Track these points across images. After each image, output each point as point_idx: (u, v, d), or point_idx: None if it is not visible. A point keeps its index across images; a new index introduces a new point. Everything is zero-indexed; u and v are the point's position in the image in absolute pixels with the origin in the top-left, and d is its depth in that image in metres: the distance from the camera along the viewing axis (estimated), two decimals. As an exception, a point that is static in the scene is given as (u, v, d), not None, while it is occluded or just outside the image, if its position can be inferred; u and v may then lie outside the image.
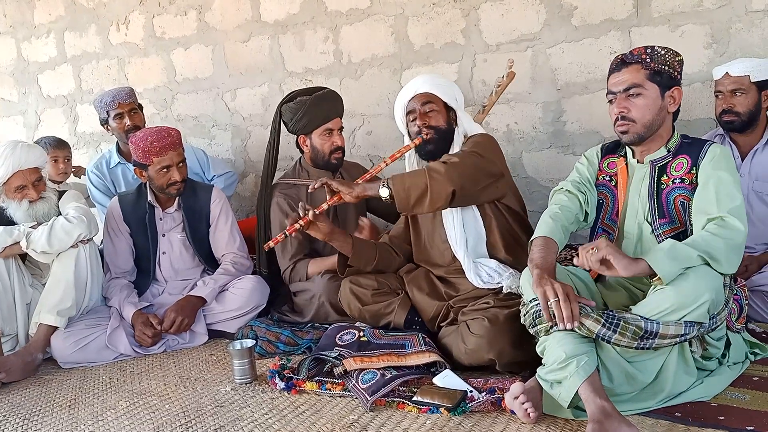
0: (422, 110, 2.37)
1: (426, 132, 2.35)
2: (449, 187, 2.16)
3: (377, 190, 2.20)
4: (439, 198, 2.17)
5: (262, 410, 2.03)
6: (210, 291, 2.78)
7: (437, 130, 2.37)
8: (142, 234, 2.91)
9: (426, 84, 2.39)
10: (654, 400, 1.76)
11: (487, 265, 2.31)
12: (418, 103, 2.38)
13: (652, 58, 1.93)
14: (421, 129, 2.36)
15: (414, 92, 2.39)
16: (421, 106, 2.37)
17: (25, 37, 4.56)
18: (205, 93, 4.03)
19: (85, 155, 4.41)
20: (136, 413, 2.11)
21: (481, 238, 2.37)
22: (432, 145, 2.37)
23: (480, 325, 2.08)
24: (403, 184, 2.18)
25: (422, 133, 2.35)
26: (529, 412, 1.73)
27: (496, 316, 2.08)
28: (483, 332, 2.06)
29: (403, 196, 2.18)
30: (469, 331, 2.11)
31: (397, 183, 2.19)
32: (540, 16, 3.08)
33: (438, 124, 2.37)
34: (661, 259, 1.69)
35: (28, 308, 2.69)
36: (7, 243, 2.59)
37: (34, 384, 2.46)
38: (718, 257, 1.73)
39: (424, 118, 2.37)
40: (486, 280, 2.27)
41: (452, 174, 2.17)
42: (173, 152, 2.78)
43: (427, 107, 2.37)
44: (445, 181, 2.15)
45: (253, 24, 3.79)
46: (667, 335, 1.67)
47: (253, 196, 3.95)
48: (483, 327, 2.07)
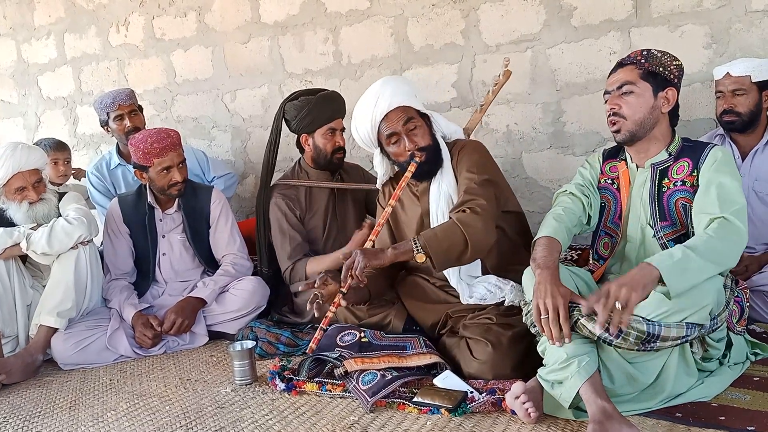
0: (406, 130, 2.21)
1: (419, 155, 2.20)
2: (490, 237, 2.09)
3: (411, 256, 2.06)
4: (481, 251, 2.11)
5: (262, 411, 2.03)
6: (210, 292, 2.78)
7: (428, 150, 2.23)
8: (142, 235, 2.91)
9: (396, 96, 2.21)
10: (655, 401, 1.76)
11: (486, 281, 2.24)
12: (398, 123, 2.21)
13: (647, 59, 1.95)
14: (414, 153, 2.20)
15: (387, 108, 2.21)
16: (403, 126, 2.21)
17: (25, 39, 4.56)
18: (204, 94, 4.03)
19: (85, 157, 4.41)
20: (136, 415, 2.11)
21: (476, 262, 2.27)
22: (428, 166, 2.24)
23: (483, 350, 2.04)
24: (440, 246, 2.05)
25: (415, 158, 2.20)
26: (530, 411, 1.73)
27: (499, 340, 2.03)
28: (486, 358, 2.02)
29: (442, 258, 2.07)
30: (472, 356, 2.06)
31: (432, 245, 2.05)
32: (540, 17, 3.09)
33: (426, 142, 2.23)
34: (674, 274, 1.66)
35: (28, 310, 2.69)
36: (7, 244, 2.59)
37: (35, 385, 2.46)
38: (725, 263, 1.75)
39: (411, 139, 2.21)
40: (487, 298, 2.20)
41: (487, 221, 2.09)
42: (173, 153, 2.78)
43: (410, 125, 2.22)
44: (484, 231, 2.07)
45: (252, 25, 3.79)
46: (669, 337, 1.66)
47: (252, 197, 3.95)
48: (486, 352, 2.03)
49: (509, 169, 3.24)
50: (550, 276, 1.78)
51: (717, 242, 1.75)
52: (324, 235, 2.91)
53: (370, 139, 2.29)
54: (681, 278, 1.66)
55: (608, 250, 2.09)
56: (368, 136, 2.28)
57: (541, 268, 1.82)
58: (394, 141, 2.24)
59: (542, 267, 1.83)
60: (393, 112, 2.22)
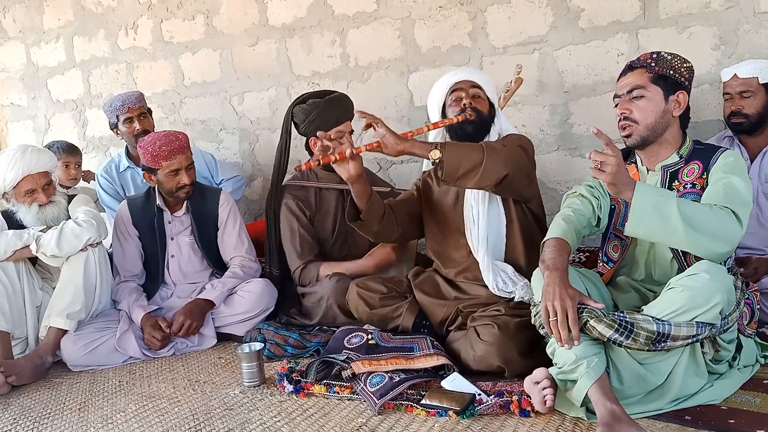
0: (470, 95, 2.35)
1: (470, 113, 2.30)
2: (504, 170, 2.12)
3: (426, 151, 2.11)
4: (490, 177, 2.11)
5: (270, 413, 2.03)
6: (218, 294, 2.79)
7: (480, 115, 2.33)
8: (151, 237, 2.92)
9: (475, 75, 2.41)
10: (663, 401, 1.75)
11: (504, 270, 2.28)
12: (466, 86, 2.36)
13: (657, 62, 1.94)
14: (466, 108, 2.31)
15: (463, 77, 2.38)
16: (470, 89, 2.36)
17: (35, 42, 4.59)
18: (212, 97, 4.05)
19: (94, 159, 4.44)
20: (145, 416, 2.11)
21: (501, 239, 2.34)
22: (471, 127, 2.32)
23: (489, 332, 2.07)
24: (458, 153, 2.09)
25: (466, 112, 2.30)
26: (547, 399, 1.73)
27: (506, 324, 2.06)
28: (492, 339, 2.05)
29: (453, 164, 2.08)
30: (479, 338, 2.09)
31: (450, 149, 2.09)
32: (547, 19, 3.08)
33: (482, 109, 2.35)
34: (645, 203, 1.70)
35: (38, 311, 2.70)
36: (17, 246, 2.60)
37: (44, 387, 2.47)
38: (699, 239, 1.70)
39: (471, 99, 2.34)
40: (500, 286, 2.23)
41: (509, 157, 2.14)
42: (181, 156, 2.79)
43: (476, 93, 2.36)
44: (502, 161, 2.11)
45: (260, 28, 3.81)
46: (679, 336, 1.66)
47: (260, 199, 3.97)
48: (492, 334, 2.05)
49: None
50: (558, 278, 1.78)
51: (708, 216, 1.71)
52: (333, 237, 2.92)
53: (437, 103, 2.41)
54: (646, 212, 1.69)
55: (617, 253, 2.08)
56: (437, 100, 2.41)
57: (549, 270, 1.82)
58: (455, 98, 2.36)
59: (551, 269, 1.82)
60: (467, 81, 2.37)
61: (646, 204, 1.71)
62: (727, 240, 1.74)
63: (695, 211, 1.71)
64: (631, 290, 2.02)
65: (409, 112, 3.48)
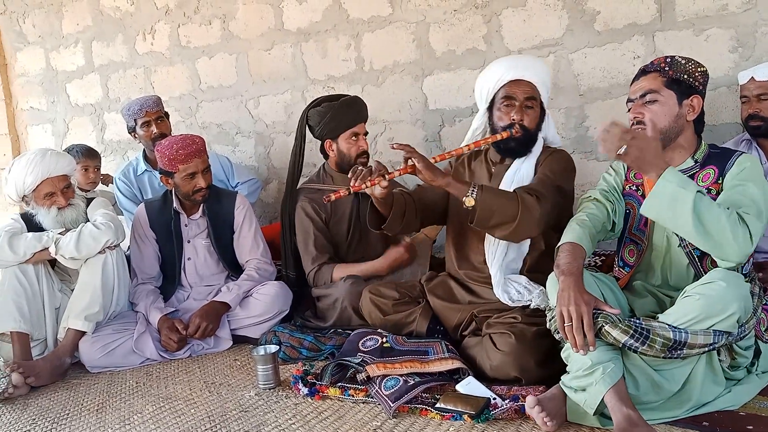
0: (524, 103, 2.24)
1: (517, 130, 2.21)
2: (535, 230, 2.09)
3: (461, 194, 2.05)
4: (520, 235, 2.10)
5: (285, 415, 2.04)
6: (234, 297, 2.81)
7: (527, 132, 2.24)
8: (168, 240, 2.95)
9: (536, 74, 2.26)
10: (681, 410, 1.74)
11: (517, 281, 2.25)
12: (521, 93, 2.24)
13: (671, 66, 1.92)
14: (514, 124, 2.22)
15: (520, 76, 2.23)
16: (524, 99, 2.24)
17: (54, 47, 4.65)
18: (228, 101, 4.08)
19: (112, 163, 4.48)
20: (162, 418, 2.13)
21: (521, 255, 2.30)
22: (515, 144, 2.25)
23: (506, 341, 2.05)
24: (491, 205, 2.04)
25: (513, 129, 2.21)
26: (546, 421, 1.72)
27: (523, 333, 2.04)
28: (509, 349, 2.03)
29: (485, 215, 2.05)
30: (495, 347, 2.07)
31: (485, 199, 2.04)
32: (562, 22, 3.08)
33: (531, 125, 2.25)
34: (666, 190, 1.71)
35: (56, 313, 2.73)
36: (36, 249, 2.63)
37: (63, 388, 2.50)
38: (709, 231, 1.69)
39: (522, 113, 2.23)
40: (515, 298, 2.20)
41: (543, 216, 2.07)
42: (198, 159, 2.82)
43: (530, 102, 2.24)
44: (535, 222, 2.06)
45: (276, 32, 3.83)
46: (696, 345, 1.65)
47: (276, 202, 3.99)
48: (509, 344, 2.04)
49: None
50: (573, 283, 1.77)
51: (721, 220, 1.68)
52: (347, 240, 2.93)
53: (487, 91, 2.30)
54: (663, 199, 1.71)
55: (634, 257, 2.07)
56: (488, 88, 2.29)
57: (564, 275, 1.81)
58: (506, 104, 2.25)
59: (566, 273, 1.81)
60: (520, 82, 2.25)
61: (666, 190, 1.71)
62: (733, 250, 1.70)
63: (710, 210, 1.69)
64: (648, 295, 2.01)
65: (424, 116, 3.48)
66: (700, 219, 1.68)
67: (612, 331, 1.69)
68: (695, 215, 1.68)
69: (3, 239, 2.62)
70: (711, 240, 1.70)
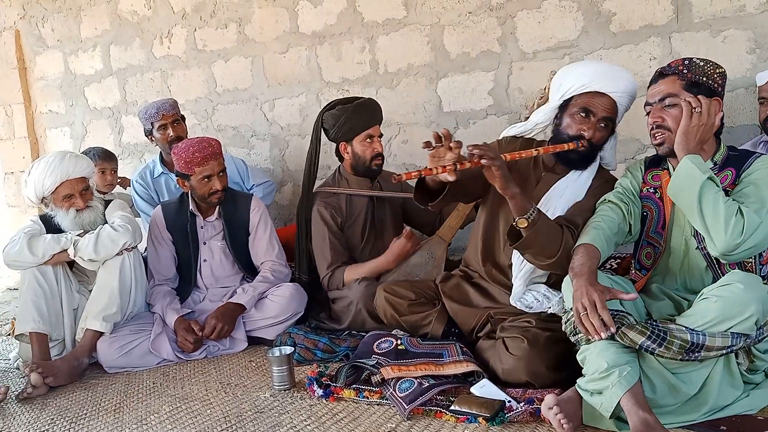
0: (597, 121, 2.12)
1: (583, 144, 2.11)
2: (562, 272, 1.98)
3: (519, 212, 1.96)
4: (548, 270, 2.07)
5: (300, 417, 2.05)
6: (249, 298, 2.83)
7: (593, 146, 2.14)
8: (184, 242, 2.97)
9: (623, 96, 2.12)
10: (698, 413, 1.73)
11: (536, 290, 2.23)
12: (601, 110, 2.11)
13: (690, 69, 1.90)
14: (583, 137, 2.12)
15: (608, 91, 2.10)
16: (600, 116, 2.12)
17: (72, 51, 4.71)
18: (244, 104, 4.10)
19: (129, 165, 4.53)
20: (178, 418, 2.15)
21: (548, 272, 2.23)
22: (576, 157, 2.16)
23: (518, 345, 2.05)
24: (540, 237, 1.97)
25: (580, 142, 2.11)
26: (563, 423, 1.71)
27: (536, 338, 2.04)
28: (521, 353, 2.03)
29: (528, 243, 1.99)
30: (507, 351, 2.07)
31: (538, 229, 1.96)
32: (577, 23, 3.06)
33: (598, 142, 2.15)
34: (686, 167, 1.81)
35: (75, 314, 2.76)
36: (55, 250, 2.67)
37: (81, 388, 2.53)
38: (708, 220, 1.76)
39: (594, 130, 2.12)
40: (533, 306, 2.18)
41: None
42: (214, 162, 2.84)
43: (605, 122, 2.13)
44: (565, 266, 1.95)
45: (291, 35, 3.85)
46: (714, 347, 1.64)
47: (291, 204, 4.00)
48: (521, 348, 2.04)
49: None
50: (586, 280, 1.78)
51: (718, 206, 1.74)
52: (362, 242, 2.94)
53: (564, 88, 2.16)
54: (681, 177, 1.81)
55: (650, 261, 2.05)
56: (569, 87, 2.15)
57: (577, 276, 1.81)
58: (583, 115, 2.12)
59: (578, 274, 1.82)
60: (605, 97, 2.11)
61: (686, 166, 1.81)
62: (722, 238, 1.73)
63: (712, 196, 1.76)
64: (665, 298, 1.99)
65: (438, 118, 3.49)
66: (700, 200, 1.75)
67: (629, 333, 1.68)
68: (698, 196, 1.75)
69: (22, 241, 2.65)
70: (704, 224, 1.76)
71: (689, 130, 1.84)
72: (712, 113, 1.87)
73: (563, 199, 2.18)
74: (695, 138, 1.84)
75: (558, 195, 2.20)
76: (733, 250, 1.73)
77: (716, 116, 1.90)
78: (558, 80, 2.21)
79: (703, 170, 1.78)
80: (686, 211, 1.85)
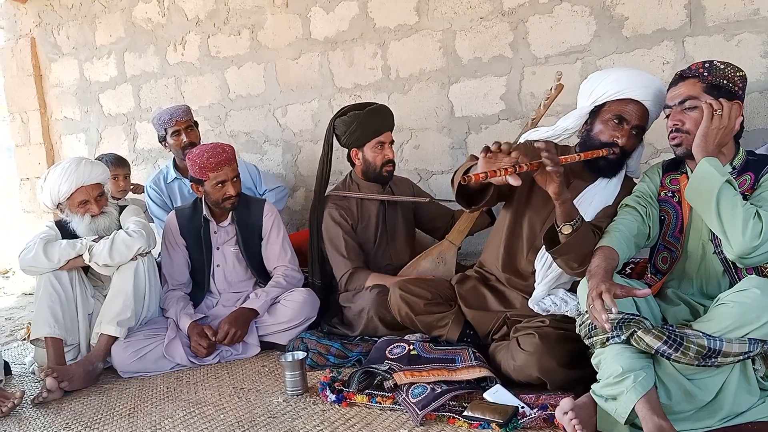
0: (630, 128, 2.11)
1: (614, 151, 2.10)
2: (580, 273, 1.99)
3: (566, 219, 1.94)
4: (574, 273, 2.05)
5: (313, 422, 2.06)
6: (262, 303, 2.83)
7: (624, 153, 2.13)
8: (198, 247, 2.99)
9: (654, 101, 2.10)
10: (713, 420, 1.71)
11: (554, 294, 2.23)
12: (635, 118, 2.10)
13: (710, 72, 1.89)
14: (616, 144, 2.10)
15: (639, 98, 2.09)
16: (634, 123, 2.11)
17: (87, 58, 4.75)
18: (257, 110, 4.13)
19: (143, 171, 4.56)
20: (192, 423, 2.16)
21: (573, 278, 2.21)
22: (605, 164, 2.15)
23: (530, 341, 2.06)
24: (579, 244, 1.96)
25: (612, 148, 2.10)
26: (578, 429, 1.70)
27: (547, 334, 2.05)
28: (532, 349, 2.04)
29: (567, 248, 1.97)
30: (519, 347, 2.09)
31: (579, 236, 1.95)
32: (590, 28, 3.06)
33: (629, 147, 2.13)
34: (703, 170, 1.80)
35: (89, 319, 2.79)
36: (70, 256, 2.69)
37: (95, 393, 2.55)
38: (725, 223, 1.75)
39: (627, 137, 2.11)
40: (550, 310, 2.18)
41: None
42: (228, 168, 2.86)
43: (634, 130, 2.12)
44: None
45: (303, 41, 3.87)
46: (731, 353, 1.62)
47: (303, 210, 4.02)
48: (533, 344, 2.04)
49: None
50: (600, 277, 1.77)
51: (736, 209, 1.73)
52: (374, 247, 2.95)
53: (597, 94, 2.14)
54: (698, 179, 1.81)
55: (666, 265, 2.04)
56: (599, 91, 2.13)
57: (592, 276, 1.81)
58: (616, 122, 2.10)
59: (593, 275, 1.81)
60: (638, 105, 2.10)
61: (703, 168, 1.80)
62: (738, 241, 1.73)
63: (730, 198, 1.75)
64: (681, 303, 1.98)
65: (450, 123, 3.49)
66: (718, 203, 1.74)
67: (645, 337, 1.67)
68: (716, 198, 1.74)
69: (38, 246, 2.68)
70: (721, 226, 1.76)
71: (709, 132, 1.83)
72: (733, 116, 1.86)
73: (592, 206, 2.18)
74: (714, 141, 1.84)
75: (588, 201, 2.19)
76: (749, 253, 1.72)
77: (736, 120, 1.89)
78: (590, 86, 2.18)
79: (721, 173, 1.78)
80: (703, 214, 1.84)
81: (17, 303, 4.76)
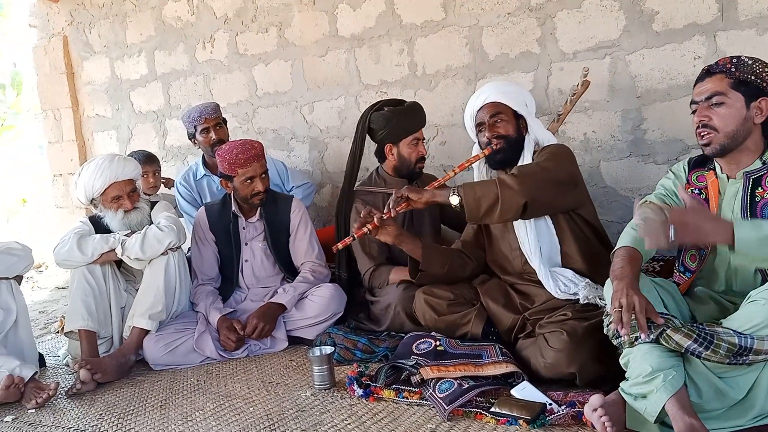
0: (490, 122, 2.39)
1: (495, 142, 2.37)
2: (521, 199, 2.17)
3: (447, 197, 2.23)
4: (510, 209, 2.18)
5: (341, 416, 2.08)
6: (290, 298, 2.86)
7: (507, 140, 2.38)
8: (227, 242, 3.03)
9: (494, 93, 2.41)
10: (745, 418, 1.68)
11: (563, 274, 2.30)
12: (486, 115, 2.40)
13: (738, 67, 1.86)
14: (490, 140, 2.38)
15: (482, 102, 2.41)
16: (489, 118, 2.39)
17: (118, 57, 4.84)
18: (284, 106, 4.16)
19: (173, 167, 4.63)
20: (222, 415, 2.20)
21: (555, 248, 2.36)
22: (501, 155, 2.39)
23: (558, 338, 2.06)
24: (474, 194, 2.20)
25: (492, 144, 2.38)
26: (607, 426, 1.69)
27: (574, 329, 2.05)
28: (562, 346, 2.04)
29: (473, 205, 2.20)
30: (548, 345, 2.08)
31: (467, 192, 2.21)
32: (619, 23, 3.03)
33: (507, 133, 2.39)
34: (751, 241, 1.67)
35: (122, 312, 2.85)
36: (103, 250, 2.75)
37: (128, 385, 2.60)
38: None
39: (492, 129, 2.39)
40: (563, 290, 2.25)
41: (523, 185, 2.17)
42: (257, 164, 2.89)
43: (496, 118, 2.39)
44: (516, 192, 2.16)
45: (330, 39, 3.89)
46: (762, 351, 1.60)
47: (329, 206, 4.04)
48: (561, 341, 2.04)
49: (587, 178, 3.17)
50: (626, 285, 1.76)
51: None
52: (400, 243, 2.95)
53: (470, 127, 2.52)
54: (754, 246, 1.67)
55: (695, 263, 2.01)
56: (470, 128, 2.51)
57: (617, 280, 1.80)
58: (480, 130, 2.43)
59: (618, 278, 1.80)
60: (487, 105, 2.41)
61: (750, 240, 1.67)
62: None
63: None
64: (710, 301, 1.95)
65: (477, 120, 3.48)
66: None
67: (674, 336, 1.66)
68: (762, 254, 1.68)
69: (72, 240, 2.74)
70: None
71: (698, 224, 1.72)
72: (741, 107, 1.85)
73: None
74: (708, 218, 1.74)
75: None
76: None
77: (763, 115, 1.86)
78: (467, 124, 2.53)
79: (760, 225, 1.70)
80: None
81: (50, 296, 4.88)
